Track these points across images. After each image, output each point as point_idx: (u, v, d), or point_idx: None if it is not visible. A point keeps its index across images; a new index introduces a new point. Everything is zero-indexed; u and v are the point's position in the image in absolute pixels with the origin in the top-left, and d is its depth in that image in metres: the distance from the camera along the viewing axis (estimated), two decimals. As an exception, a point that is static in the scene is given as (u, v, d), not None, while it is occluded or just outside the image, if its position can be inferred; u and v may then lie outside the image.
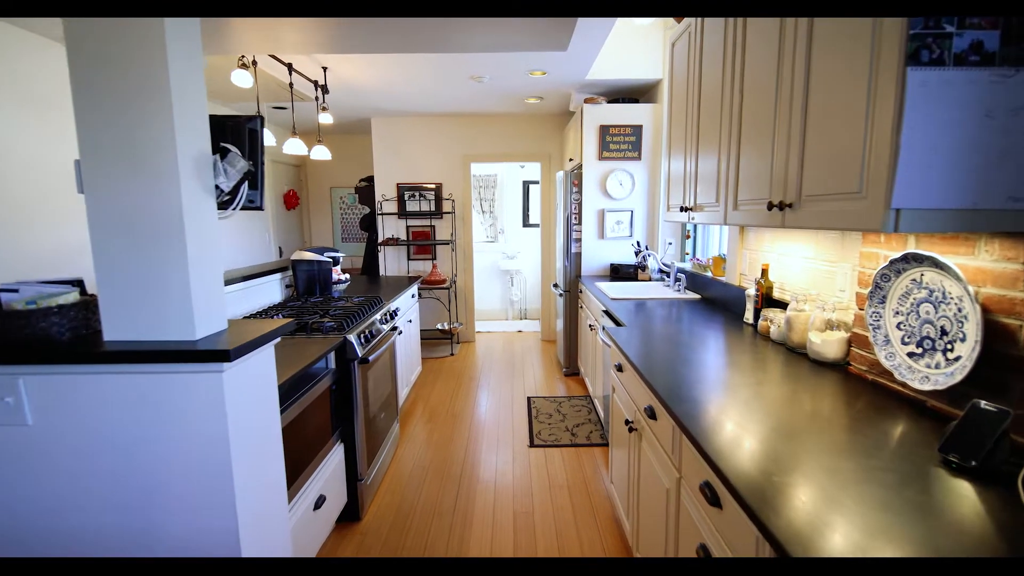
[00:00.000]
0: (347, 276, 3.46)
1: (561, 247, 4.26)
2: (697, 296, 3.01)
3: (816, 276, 1.91)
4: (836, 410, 1.29)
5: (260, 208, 1.43)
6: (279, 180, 5.59)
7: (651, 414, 1.57)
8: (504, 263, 6.41)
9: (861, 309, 1.52)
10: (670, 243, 3.87)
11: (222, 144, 1.30)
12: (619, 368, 2.04)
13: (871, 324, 1.42)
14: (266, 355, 1.39)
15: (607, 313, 2.80)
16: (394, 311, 3.05)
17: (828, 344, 1.63)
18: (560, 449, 3.02)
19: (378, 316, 2.72)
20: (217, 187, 1.29)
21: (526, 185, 6.51)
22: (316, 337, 2.17)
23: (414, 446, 3.08)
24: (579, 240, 4.14)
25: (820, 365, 1.65)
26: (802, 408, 1.30)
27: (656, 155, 3.93)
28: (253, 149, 1.37)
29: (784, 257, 2.15)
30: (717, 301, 2.79)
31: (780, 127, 1.44)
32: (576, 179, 4.07)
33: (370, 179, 5.42)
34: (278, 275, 2.94)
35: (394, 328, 2.96)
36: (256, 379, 1.34)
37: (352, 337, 2.22)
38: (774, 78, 1.48)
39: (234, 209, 1.34)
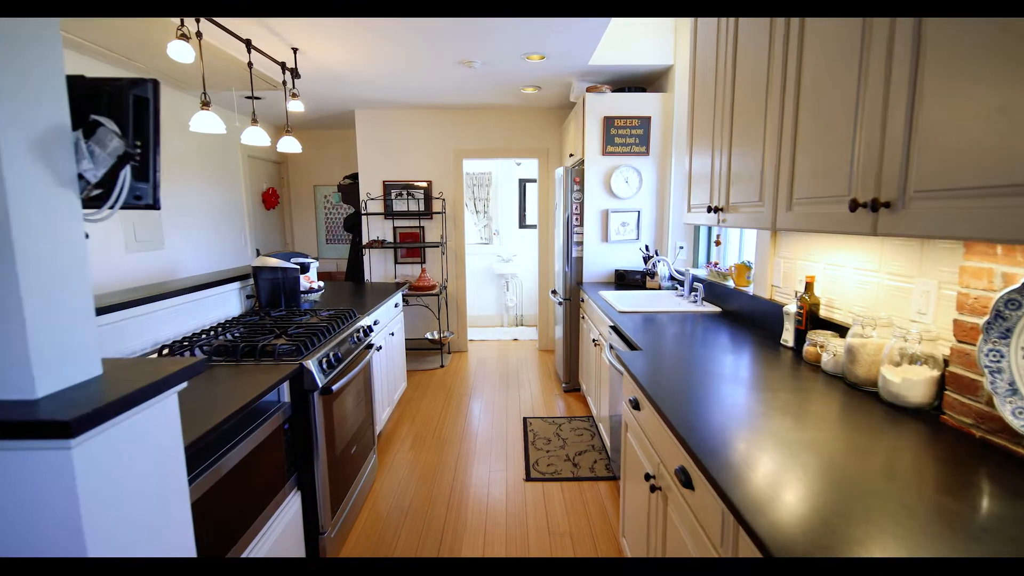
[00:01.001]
0: (320, 284, 3.07)
1: (561, 250, 3.89)
2: (717, 309, 2.64)
3: (881, 294, 1.54)
4: (945, 482, 0.91)
5: (154, 207, 1.04)
6: (257, 177, 5.19)
7: (685, 480, 1.19)
8: (499, 266, 6.04)
9: (962, 342, 1.15)
10: (681, 247, 3.50)
11: (93, 118, 0.92)
12: (635, 405, 1.67)
13: (988, 366, 1.04)
14: (161, 410, 1.01)
15: (615, 329, 2.43)
16: (370, 325, 2.67)
17: (912, 385, 1.26)
18: (561, 484, 2.64)
19: (350, 333, 2.34)
20: (81, 177, 0.90)
21: (523, 184, 6.14)
22: (266, 363, 1.79)
23: (394, 479, 2.70)
24: (580, 243, 3.76)
25: (897, 410, 1.28)
26: (890, 475, 0.93)
27: (666, 150, 3.56)
28: (142, 125, 0.98)
29: (834, 268, 1.78)
30: (742, 316, 2.42)
31: (869, 98, 1.07)
32: (577, 176, 3.69)
33: (354, 176, 5.04)
34: (236, 284, 2.55)
35: (370, 345, 2.58)
36: (144, 443, 0.96)
37: (312, 363, 1.84)
38: (857, 39, 1.11)
39: (111, 208, 0.96)
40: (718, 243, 2.33)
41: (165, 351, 1.87)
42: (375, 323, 2.92)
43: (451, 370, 4.59)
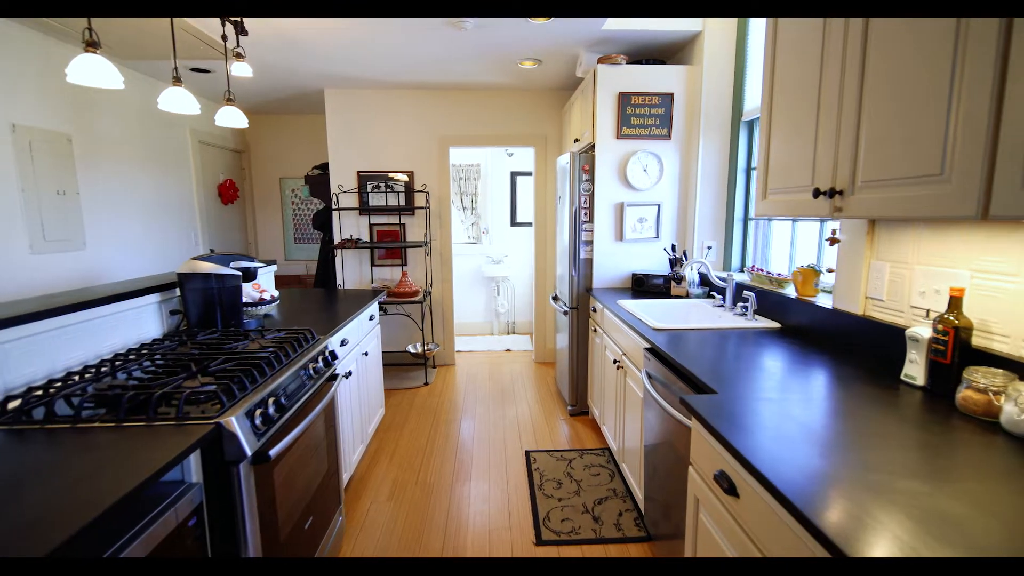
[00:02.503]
0: (275, 295, 2.45)
1: (565, 251, 3.33)
2: (774, 325, 2.10)
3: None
4: None
5: None
6: (211, 167, 4.51)
7: None
8: (489, 268, 5.46)
9: None
10: (709, 247, 2.97)
11: None
12: (727, 487, 1.10)
13: None
14: None
15: (654, 352, 1.88)
16: (335, 350, 2.08)
17: None
18: (581, 548, 2.07)
19: (305, 363, 1.73)
20: None
21: (514, 177, 5.57)
22: (165, 424, 1.18)
23: (367, 543, 2.10)
24: (590, 243, 3.21)
25: None
26: None
27: (691, 133, 3.02)
28: None
29: (984, 279, 1.25)
30: (814, 335, 1.89)
31: None
32: (587, 164, 3.14)
33: (324, 167, 4.40)
34: (154, 297, 1.93)
35: (335, 376, 1.98)
36: None
37: (236, 420, 1.24)
38: None
39: None
40: (833, 242, 1.80)
41: (12, 403, 1.25)
42: (343, 343, 2.32)
43: (437, 388, 4.00)
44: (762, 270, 2.41)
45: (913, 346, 1.36)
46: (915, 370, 1.35)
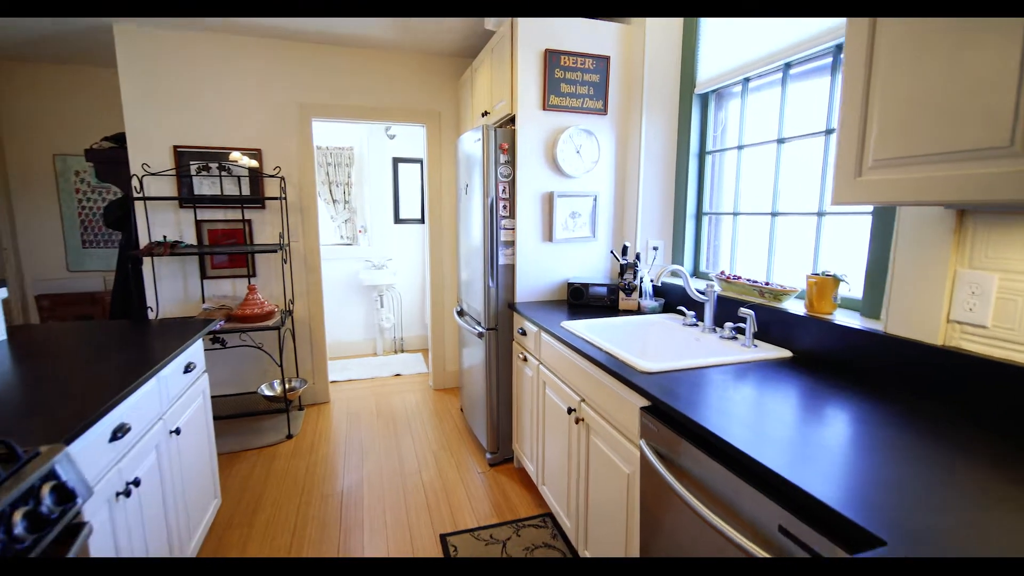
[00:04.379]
0: (-28, 347, 1.32)
1: (476, 254, 2.57)
2: (784, 353, 1.58)
3: None
4: None
5: None
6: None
7: None
8: (369, 275, 4.47)
9: None
10: (655, 248, 2.44)
11: None
12: None
13: None
14: None
15: (657, 413, 1.21)
16: (73, 480, 1.08)
17: None
18: None
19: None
20: None
21: (397, 164, 4.63)
22: None
23: None
24: (511, 244, 2.49)
25: None
26: None
27: (632, 108, 2.45)
28: None
29: None
30: (854, 370, 1.38)
31: None
32: (506, 141, 2.40)
33: (119, 139, 3.07)
34: None
35: (78, 526, 0.98)
36: None
37: None
38: None
39: None
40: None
41: None
42: (118, 434, 1.28)
43: (306, 440, 2.96)
44: (738, 277, 1.90)
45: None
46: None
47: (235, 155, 3.05)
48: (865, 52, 0.97)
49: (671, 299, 2.24)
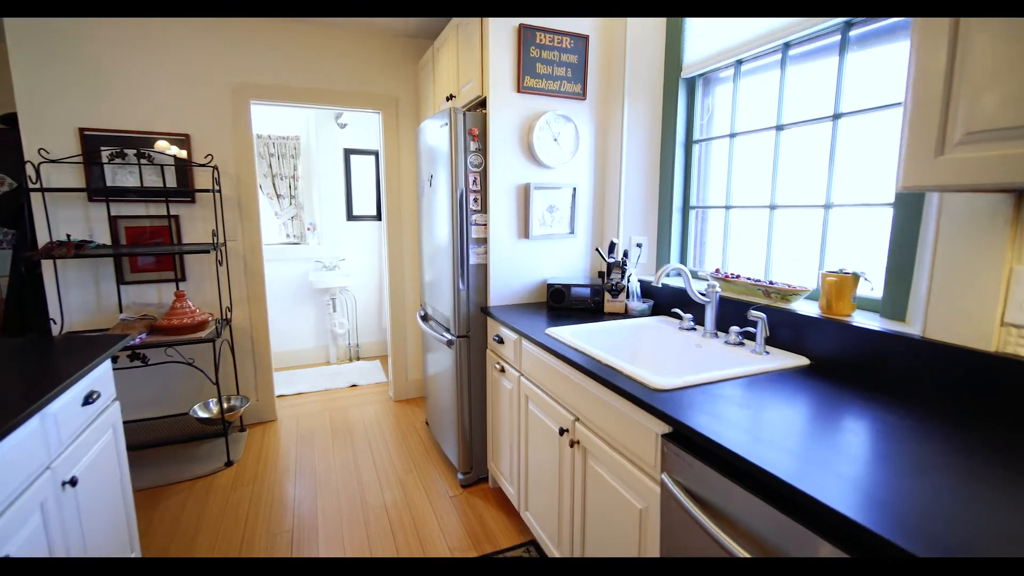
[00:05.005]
0: None
1: (442, 253, 2.30)
2: (801, 360, 1.42)
3: None
4: None
5: None
6: None
7: None
8: (320, 277, 4.09)
9: None
10: (639, 245, 2.26)
11: None
12: None
13: None
14: None
15: (682, 441, 1.01)
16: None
17: None
18: None
19: None
20: None
21: (349, 156, 4.27)
22: None
23: None
24: (483, 242, 2.24)
25: None
26: None
27: (612, 93, 2.26)
28: None
29: None
30: (886, 378, 1.23)
31: None
32: (476, 126, 2.15)
33: (11, 119, 2.58)
34: None
35: None
36: None
37: None
38: None
39: None
40: None
41: None
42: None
43: (248, 468, 2.60)
44: (737, 276, 1.74)
45: None
46: None
47: (161, 143, 2.64)
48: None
49: (659, 300, 2.06)
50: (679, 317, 1.87)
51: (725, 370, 1.31)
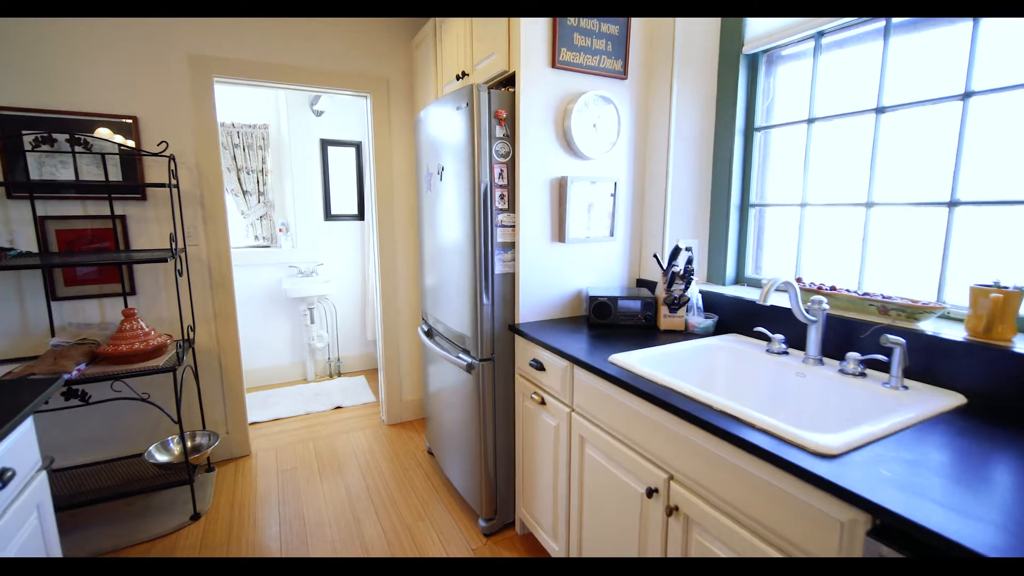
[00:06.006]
0: None
1: (456, 257, 1.93)
2: (957, 399, 1.13)
3: None
4: None
5: None
6: None
7: None
8: (295, 284, 3.62)
9: None
10: (688, 250, 1.94)
11: None
12: None
13: None
14: None
15: (900, 537, 0.68)
16: None
17: None
18: None
19: None
20: None
21: (326, 147, 3.80)
22: None
23: None
24: (511, 247, 1.87)
25: None
26: None
27: (656, 72, 1.94)
28: None
29: None
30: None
31: None
32: (503, 107, 1.78)
33: (-100, 92, 2.03)
34: None
35: None
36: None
37: None
38: None
39: None
40: None
41: None
42: None
43: (220, 522, 2.15)
44: (833, 288, 1.45)
45: None
46: None
47: (103, 131, 2.15)
48: None
49: (722, 314, 1.76)
50: (763, 338, 1.56)
51: (885, 419, 1.00)
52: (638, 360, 1.43)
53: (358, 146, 3.88)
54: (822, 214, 1.65)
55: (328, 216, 3.86)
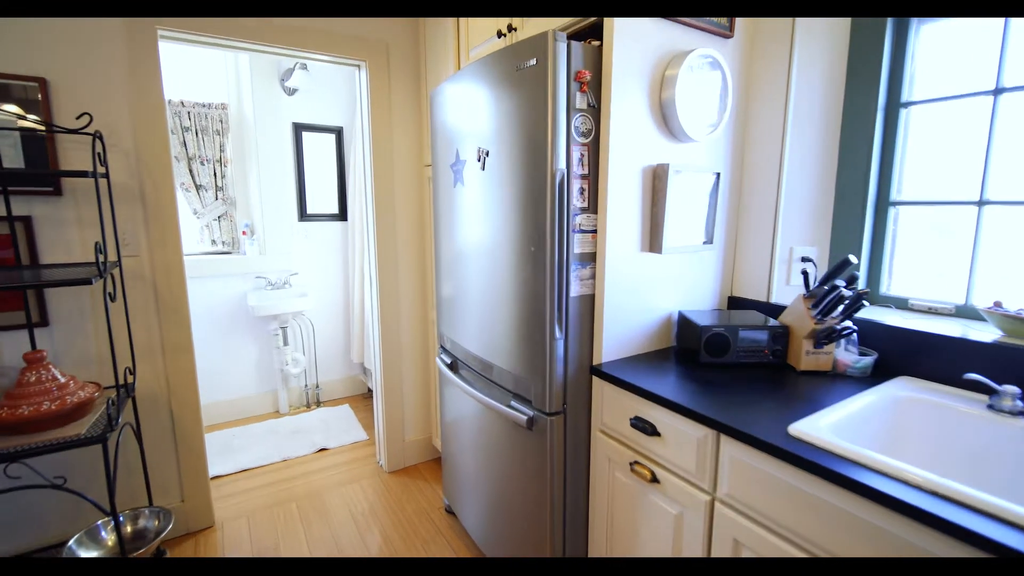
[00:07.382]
0: None
1: (511, 275, 1.42)
2: None
3: None
4: None
5: None
6: None
7: None
8: (263, 299, 2.99)
9: None
10: (806, 259, 1.50)
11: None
12: None
13: None
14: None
15: None
16: None
17: None
18: None
19: None
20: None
21: (300, 132, 3.18)
22: None
23: None
24: (591, 258, 1.37)
25: None
26: None
27: (761, 32, 1.48)
28: None
29: None
30: None
31: None
32: (587, 66, 1.27)
33: None
34: None
35: None
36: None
37: None
38: None
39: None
40: None
41: None
42: None
43: (178, 639, 1.55)
44: (1007, 310, 1.03)
45: None
46: None
47: (8, 107, 1.51)
48: None
49: (880, 348, 1.32)
50: (976, 387, 1.13)
51: None
52: (830, 430, 0.96)
53: (339, 132, 3.27)
54: (997, 215, 1.25)
55: (303, 216, 3.24)
